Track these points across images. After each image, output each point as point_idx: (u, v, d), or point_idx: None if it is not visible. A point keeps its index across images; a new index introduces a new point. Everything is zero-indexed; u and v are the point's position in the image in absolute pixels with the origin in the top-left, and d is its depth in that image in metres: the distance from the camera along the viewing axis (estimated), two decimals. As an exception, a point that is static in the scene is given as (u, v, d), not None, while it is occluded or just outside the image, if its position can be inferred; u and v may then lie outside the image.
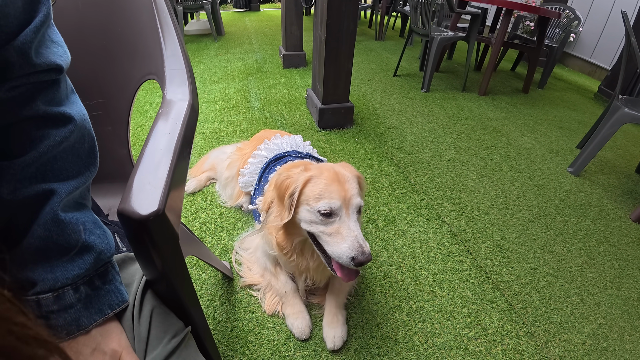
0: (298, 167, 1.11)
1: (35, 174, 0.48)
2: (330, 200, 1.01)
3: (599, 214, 2.06)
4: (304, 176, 1.06)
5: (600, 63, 4.81)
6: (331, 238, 1.02)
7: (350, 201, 1.04)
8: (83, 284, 0.51)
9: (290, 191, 1.05)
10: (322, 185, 1.04)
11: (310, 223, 1.06)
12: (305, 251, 1.20)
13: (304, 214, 1.06)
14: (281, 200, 1.11)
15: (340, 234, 1.01)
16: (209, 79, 3.50)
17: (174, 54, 0.81)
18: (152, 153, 0.57)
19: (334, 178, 1.05)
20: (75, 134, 0.52)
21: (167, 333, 0.58)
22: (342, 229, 1.01)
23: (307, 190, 1.05)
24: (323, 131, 2.64)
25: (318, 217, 1.03)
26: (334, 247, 1.01)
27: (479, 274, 1.56)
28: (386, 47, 5.22)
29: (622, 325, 1.42)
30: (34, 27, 0.46)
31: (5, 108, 0.47)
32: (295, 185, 1.05)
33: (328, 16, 2.19)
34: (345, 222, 1.02)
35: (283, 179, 1.09)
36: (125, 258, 0.64)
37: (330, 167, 1.11)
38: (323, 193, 1.02)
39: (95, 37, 0.97)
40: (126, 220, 0.48)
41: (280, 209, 1.13)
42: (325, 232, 1.03)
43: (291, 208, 1.07)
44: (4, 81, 0.46)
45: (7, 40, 0.44)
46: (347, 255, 0.98)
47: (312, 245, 1.14)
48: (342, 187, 1.04)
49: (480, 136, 2.80)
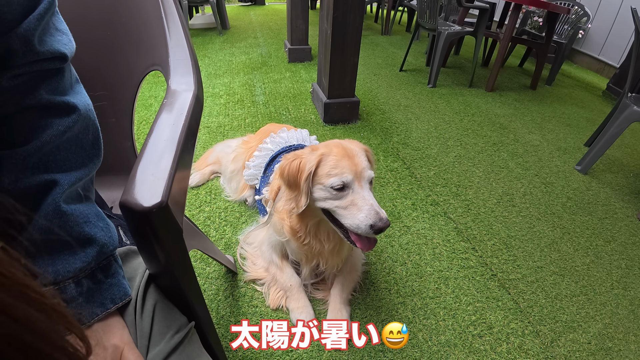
0: (302, 150, 1.09)
1: (37, 164, 0.47)
2: (342, 176, 1.02)
3: (606, 212, 2.03)
4: (315, 156, 1.05)
5: (608, 60, 4.74)
6: (347, 211, 1.02)
7: (362, 174, 1.05)
8: (85, 277, 0.50)
9: (306, 175, 1.04)
10: (333, 161, 1.04)
11: (324, 200, 1.06)
12: (320, 233, 1.18)
13: (318, 193, 1.07)
14: (293, 186, 1.09)
15: (355, 205, 1.01)
16: (214, 73, 3.48)
17: (179, 44, 0.80)
18: (156, 144, 0.56)
19: (343, 154, 1.06)
20: (79, 124, 0.51)
21: (170, 328, 0.57)
22: (357, 200, 1.02)
23: (319, 170, 1.05)
24: (328, 126, 2.62)
25: (332, 192, 1.03)
26: (351, 219, 1.02)
27: (484, 272, 1.54)
28: (392, 42, 5.18)
29: (628, 326, 1.41)
30: (37, 14, 0.45)
31: (8, 96, 0.46)
32: (309, 166, 1.04)
33: (334, 9, 2.17)
34: (359, 193, 1.03)
35: (290, 163, 1.07)
36: (128, 251, 0.63)
37: (338, 143, 1.11)
38: (334, 169, 1.03)
39: (99, 27, 0.95)
40: (128, 212, 0.46)
41: (293, 194, 1.11)
42: (341, 206, 1.03)
43: (307, 192, 1.07)
44: (7, 69, 0.45)
45: (10, 28, 0.43)
46: (365, 224, 0.99)
47: (326, 227, 1.15)
48: (352, 161, 1.05)
49: (487, 132, 2.77)
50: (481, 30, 3.46)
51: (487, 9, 3.50)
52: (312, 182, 1.06)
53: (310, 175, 1.05)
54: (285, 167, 1.08)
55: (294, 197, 1.11)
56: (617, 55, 4.59)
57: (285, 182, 1.12)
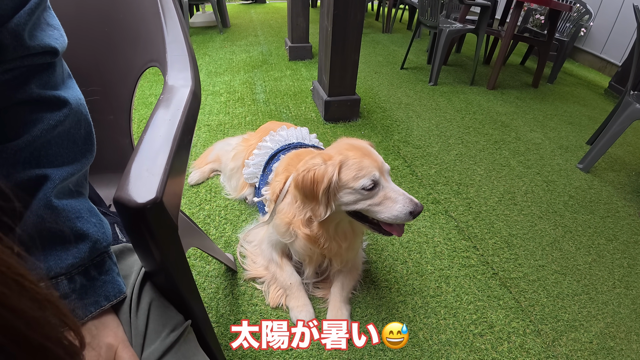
0: (314, 158, 1.07)
1: (28, 158, 0.47)
2: (370, 175, 1.04)
3: (608, 211, 2.02)
4: (334, 164, 1.05)
5: (610, 59, 4.72)
6: (382, 206, 1.05)
7: (383, 168, 1.08)
8: (78, 273, 0.49)
9: (325, 185, 1.04)
10: (356, 163, 1.05)
11: (355, 203, 1.07)
12: (338, 235, 1.19)
13: (346, 198, 1.07)
14: (310, 197, 1.08)
15: (389, 199, 1.05)
16: (214, 71, 3.47)
17: (176, 39, 0.79)
18: (152, 140, 0.55)
19: (361, 154, 1.07)
20: (70, 118, 0.51)
21: (166, 327, 0.56)
22: (389, 194, 1.05)
23: (343, 175, 1.05)
24: (329, 124, 2.61)
25: (363, 193, 1.05)
26: (388, 212, 1.04)
27: (485, 270, 1.53)
28: (393, 40, 5.16)
29: (630, 325, 1.40)
30: (28, 9, 0.45)
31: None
32: (329, 176, 1.04)
33: (335, 6, 2.15)
34: (388, 187, 1.07)
35: (305, 174, 1.05)
36: (124, 249, 0.62)
37: (350, 145, 1.11)
38: (360, 170, 1.04)
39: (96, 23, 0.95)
40: (122, 209, 0.46)
41: (311, 205, 1.10)
42: (374, 204, 1.05)
43: (328, 203, 1.07)
44: None
45: (1, 23, 0.43)
46: (404, 213, 1.03)
47: (343, 227, 1.18)
48: (372, 158, 1.08)
49: (489, 130, 2.75)
50: (483, 27, 3.44)
51: (488, 6, 3.48)
52: (336, 189, 1.06)
53: (332, 185, 1.04)
54: (300, 179, 1.06)
55: (311, 208, 1.10)
56: (619, 54, 4.56)
57: (300, 194, 1.10)
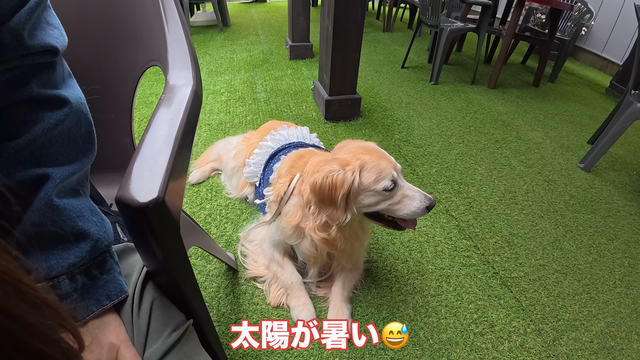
0: (330, 164, 1.08)
1: (29, 158, 0.47)
2: (390, 176, 1.08)
3: (609, 211, 2.02)
4: (354, 169, 1.07)
5: (611, 58, 4.71)
6: (401, 204, 1.10)
7: (397, 167, 1.13)
8: (79, 273, 0.49)
9: (345, 191, 1.06)
10: (375, 166, 1.08)
11: (376, 204, 1.11)
12: (351, 236, 1.21)
13: (367, 200, 1.10)
14: (327, 202, 1.09)
15: (407, 197, 1.10)
16: (215, 70, 3.47)
17: (178, 38, 0.79)
18: (153, 139, 0.55)
19: (376, 156, 1.11)
20: (71, 117, 0.51)
21: (168, 326, 0.56)
22: (406, 192, 1.11)
23: (364, 179, 1.08)
24: (329, 123, 2.61)
25: (384, 195, 1.09)
26: (407, 210, 1.10)
27: (486, 270, 1.53)
28: (394, 39, 5.16)
29: (631, 324, 1.40)
30: (28, 8, 0.45)
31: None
32: (350, 183, 1.06)
33: (336, 5, 2.15)
34: (404, 185, 1.12)
35: (323, 179, 1.06)
36: (125, 248, 0.62)
37: (363, 149, 1.14)
38: (380, 173, 1.08)
39: (98, 22, 0.95)
40: (124, 208, 0.46)
41: (328, 210, 1.11)
42: (394, 202, 1.10)
43: (348, 207, 1.10)
44: None
45: (1, 22, 0.43)
46: (422, 208, 1.09)
47: (355, 228, 1.22)
48: (387, 159, 1.12)
49: (490, 130, 2.75)
50: (484, 26, 3.44)
51: (489, 5, 3.47)
52: (357, 193, 1.09)
53: (353, 190, 1.07)
54: (318, 184, 1.07)
55: (328, 213, 1.11)
56: (621, 53, 4.56)
57: (317, 199, 1.11)
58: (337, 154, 1.14)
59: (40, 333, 0.24)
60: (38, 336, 0.24)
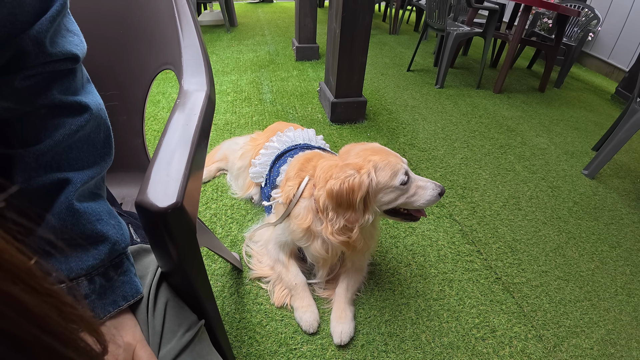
0: (345, 170, 1.10)
1: (50, 162, 0.48)
2: (402, 169, 1.13)
3: (612, 218, 2.02)
4: (368, 172, 1.10)
5: (617, 64, 4.71)
6: (416, 196, 1.15)
7: (404, 160, 1.17)
8: (97, 274, 0.51)
9: (362, 194, 1.09)
10: (386, 165, 1.12)
11: (395, 200, 1.15)
12: (366, 235, 1.24)
13: (386, 197, 1.14)
14: (344, 205, 1.11)
15: (420, 187, 1.16)
16: (221, 70, 3.49)
17: (192, 44, 0.81)
18: (170, 144, 0.56)
19: (384, 155, 1.15)
20: (91, 123, 0.52)
21: (181, 326, 0.58)
22: (419, 183, 1.16)
23: (380, 178, 1.11)
24: (335, 125, 2.62)
25: (402, 189, 1.13)
26: (422, 199, 1.15)
27: (489, 275, 1.54)
28: (400, 42, 5.16)
29: (631, 332, 1.40)
30: (50, 16, 0.46)
31: (21, 97, 0.47)
32: (367, 185, 1.09)
33: (344, 9, 2.16)
34: (415, 177, 1.17)
35: (341, 184, 1.08)
36: (140, 250, 0.64)
37: (370, 151, 1.17)
38: (393, 168, 1.12)
39: (112, 25, 0.96)
40: (144, 213, 0.47)
41: (346, 213, 1.13)
42: (410, 195, 1.16)
43: (367, 209, 1.14)
44: (20, 70, 0.46)
45: (23, 30, 0.43)
46: (435, 196, 1.15)
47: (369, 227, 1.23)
48: (393, 154, 1.17)
49: (494, 135, 2.76)
50: (490, 31, 3.44)
51: (496, 10, 3.48)
52: (375, 193, 1.13)
53: (371, 191, 1.11)
54: (335, 190, 1.09)
55: (346, 217, 1.13)
56: (627, 59, 4.55)
57: (335, 204, 1.12)
58: (347, 159, 1.16)
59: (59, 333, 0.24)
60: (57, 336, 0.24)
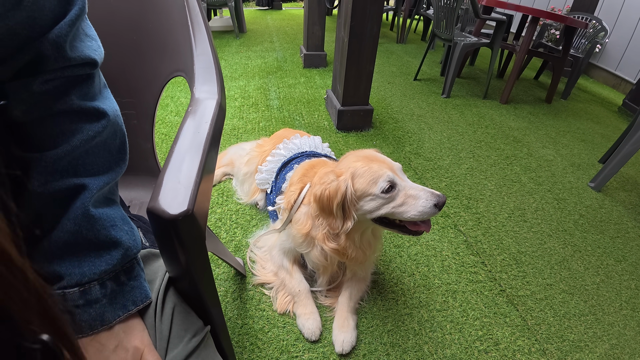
0: (328, 175, 1.10)
1: (67, 167, 0.48)
2: (385, 176, 1.04)
3: (618, 231, 2.01)
4: (346, 178, 1.06)
5: (625, 76, 4.70)
6: (405, 206, 1.05)
7: (394, 167, 1.09)
8: (109, 279, 0.51)
9: (338, 201, 1.06)
10: (367, 170, 1.06)
11: (378, 209, 1.07)
12: (363, 244, 1.20)
13: (368, 205, 1.07)
14: (326, 212, 1.11)
15: (410, 197, 1.04)
16: (230, 76, 3.52)
17: (204, 52, 0.82)
18: (181, 152, 0.57)
19: (367, 160, 1.09)
20: (108, 129, 0.53)
21: (188, 332, 0.58)
22: (409, 191, 1.05)
23: (358, 185, 1.06)
24: (341, 133, 2.63)
25: (384, 197, 1.05)
26: (413, 210, 1.04)
27: (493, 287, 1.54)
28: (407, 51, 5.18)
29: (635, 347, 1.39)
30: (69, 20, 0.46)
31: (39, 101, 0.47)
32: (343, 192, 1.05)
33: (352, 18, 2.18)
34: (406, 185, 1.06)
35: (322, 191, 1.08)
36: (149, 254, 0.64)
37: (356, 157, 1.13)
38: (374, 175, 1.05)
39: (125, 31, 0.98)
40: (156, 219, 0.48)
41: (330, 219, 1.12)
42: (397, 204, 1.05)
43: (347, 216, 1.09)
44: (39, 74, 0.46)
45: (42, 33, 0.44)
46: (429, 207, 1.02)
47: (367, 235, 1.20)
48: (379, 161, 1.09)
49: (500, 145, 2.76)
50: (497, 42, 3.45)
51: (504, 21, 3.49)
52: (355, 201, 1.07)
53: (348, 198, 1.06)
54: (318, 195, 1.09)
55: (328, 223, 1.12)
56: (634, 71, 4.54)
57: (319, 209, 1.12)
58: (338, 166, 1.16)
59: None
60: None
